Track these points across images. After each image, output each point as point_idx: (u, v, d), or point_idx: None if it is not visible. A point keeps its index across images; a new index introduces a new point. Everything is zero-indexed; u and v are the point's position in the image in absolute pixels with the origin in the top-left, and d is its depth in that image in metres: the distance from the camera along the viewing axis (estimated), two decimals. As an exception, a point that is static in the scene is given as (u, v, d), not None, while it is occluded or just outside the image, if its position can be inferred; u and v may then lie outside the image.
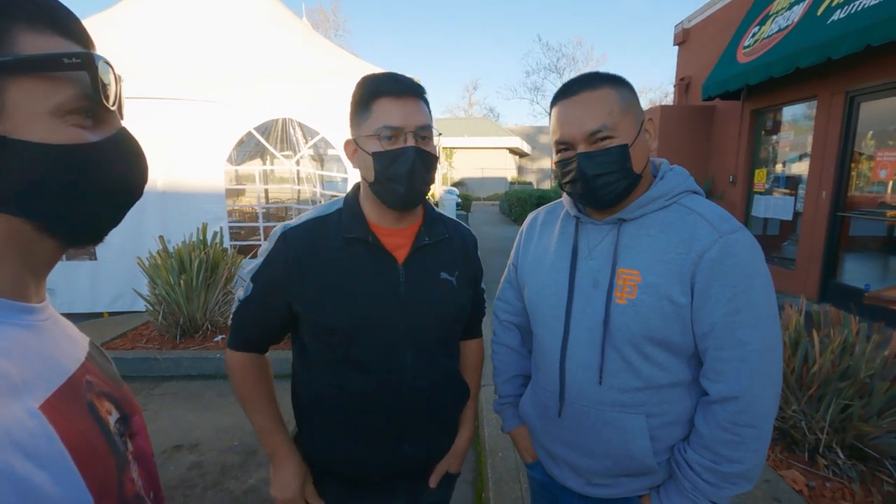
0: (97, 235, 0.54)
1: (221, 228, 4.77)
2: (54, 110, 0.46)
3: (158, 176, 4.81)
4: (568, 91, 0.97)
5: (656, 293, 0.93)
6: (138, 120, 4.65)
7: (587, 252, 1.04)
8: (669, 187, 0.99)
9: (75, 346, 0.57)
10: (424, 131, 1.01)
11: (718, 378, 0.92)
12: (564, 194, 1.12)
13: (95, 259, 4.96)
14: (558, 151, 1.00)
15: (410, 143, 0.98)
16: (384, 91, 0.98)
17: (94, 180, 0.50)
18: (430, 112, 1.06)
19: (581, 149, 0.95)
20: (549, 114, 1.04)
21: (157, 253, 4.11)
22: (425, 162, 1.01)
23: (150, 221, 4.83)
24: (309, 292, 1.03)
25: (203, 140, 4.81)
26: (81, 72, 0.46)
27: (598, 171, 0.94)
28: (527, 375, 1.29)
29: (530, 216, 1.26)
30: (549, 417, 1.11)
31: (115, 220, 0.55)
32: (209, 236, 4.43)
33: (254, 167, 6.97)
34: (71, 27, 0.49)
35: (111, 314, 5.03)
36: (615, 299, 0.96)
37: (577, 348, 1.02)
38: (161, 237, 4.20)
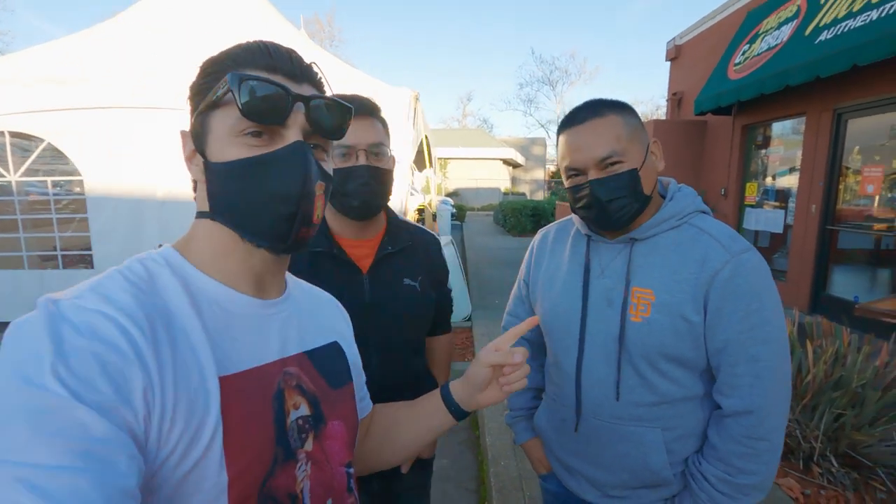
0: (275, 242, 0.58)
1: (222, 237, 4.78)
2: (229, 132, 0.55)
3: (158, 184, 4.83)
4: (575, 119, 0.99)
5: (670, 312, 0.96)
6: (136, 129, 4.68)
7: (599, 271, 1.06)
8: (679, 208, 1.02)
9: (297, 340, 0.66)
10: (376, 148, 1.10)
11: (732, 393, 0.95)
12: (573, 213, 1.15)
13: (92, 268, 4.95)
14: (569, 178, 1.03)
15: (362, 160, 1.08)
16: None
17: (249, 189, 0.56)
18: (384, 128, 1.16)
19: (592, 175, 0.97)
20: (557, 139, 1.06)
21: (158, 262, 4.11)
22: (377, 177, 1.10)
23: (149, 230, 4.83)
24: None
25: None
26: (238, 95, 0.52)
27: (611, 196, 0.96)
28: (538, 388, 1.32)
29: (541, 233, 1.28)
30: (566, 431, 1.14)
31: (282, 229, 0.57)
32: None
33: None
34: (276, 63, 0.57)
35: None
36: (630, 317, 0.99)
37: (592, 365, 1.05)
38: (161, 245, 4.21)
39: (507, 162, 32.13)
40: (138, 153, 4.75)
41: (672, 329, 0.96)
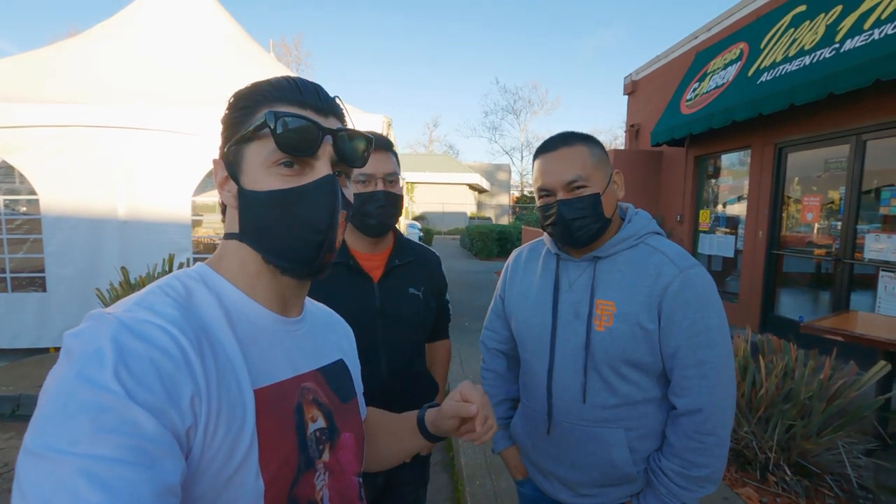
0: (300, 267, 0.62)
1: (188, 259, 4.67)
2: (264, 162, 0.60)
3: (120, 204, 4.69)
4: (548, 147, 1.13)
5: (629, 321, 1.07)
6: (96, 148, 4.56)
7: (568, 286, 1.17)
8: (636, 229, 1.15)
9: (312, 357, 0.70)
10: (391, 177, 1.30)
11: (684, 393, 1.06)
12: (545, 233, 1.26)
13: (44, 291, 4.71)
14: (540, 198, 1.15)
15: (380, 187, 1.27)
16: None
17: (281, 218, 0.60)
18: (397, 160, 1.35)
19: (560, 196, 1.10)
20: (532, 165, 1.19)
21: (119, 284, 3.97)
22: (391, 201, 1.29)
23: (108, 251, 4.67)
24: None
25: (169, 169, 4.74)
26: (275, 130, 0.57)
27: (575, 216, 1.09)
28: (514, 399, 1.40)
29: (514, 253, 1.39)
30: (539, 435, 1.22)
31: (309, 255, 0.61)
32: (175, 267, 4.33)
33: (214, 197, 6.87)
34: (305, 98, 0.61)
35: (59, 350, 4.74)
36: (594, 327, 1.10)
37: (561, 372, 1.15)
38: (123, 268, 4.08)
39: (472, 187, 32.71)
40: (99, 172, 4.62)
41: (631, 336, 1.07)
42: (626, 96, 9.39)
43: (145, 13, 5.63)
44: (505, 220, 33.12)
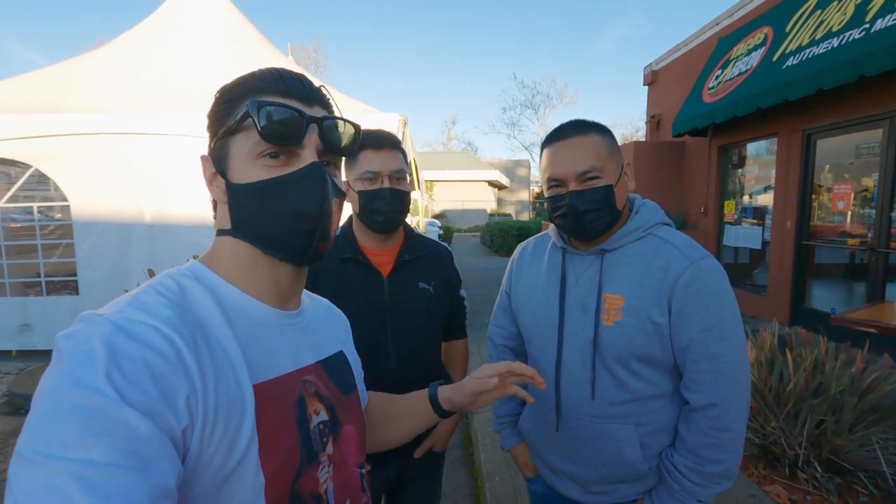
0: (296, 256, 0.62)
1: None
2: (249, 154, 0.59)
3: (147, 208, 4.83)
4: (560, 134, 1.09)
5: (638, 315, 1.04)
6: (123, 154, 4.70)
7: (574, 280, 1.15)
8: (644, 220, 1.12)
9: (313, 350, 0.70)
10: (398, 174, 1.30)
11: (697, 388, 1.03)
12: (551, 226, 1.24)
13: (77, 294, 4.88)
14: (550, 188, 1.11)
15: (387, 184, 1.27)
16: (367, 144, 1.26)
17: (271, 208, 0.59)
18: (404, 157, 1.34)
19: (572, 187, 1.06)
20: (541, 153, 1.15)
21: (146, 286, 4.09)
22: (398, 197, 1.29)
23: (137, 254, 4.81)
24: None
25: (193, 173, 4.85)
26: (257, 120, 0.56)
27: (588, 208, 1.05)
28: None
29: (520, 247, 1.37)
30: (548, 432, 1.20)
31: (301, 244, 0.61)
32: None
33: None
34: (289, 88, 0.60)
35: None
36: (602, 322, 1.07)
37: (570, 367, 1.13)
38: (150, 270, 4.19)
39: (492, 184, 32.58)
40: (126, 177, 4.77)
41: (641, 331, 1.04)
42: (647, 87, 9.20)
43: (168, 22, 5.78)
44: (525, 217, 32.90)
